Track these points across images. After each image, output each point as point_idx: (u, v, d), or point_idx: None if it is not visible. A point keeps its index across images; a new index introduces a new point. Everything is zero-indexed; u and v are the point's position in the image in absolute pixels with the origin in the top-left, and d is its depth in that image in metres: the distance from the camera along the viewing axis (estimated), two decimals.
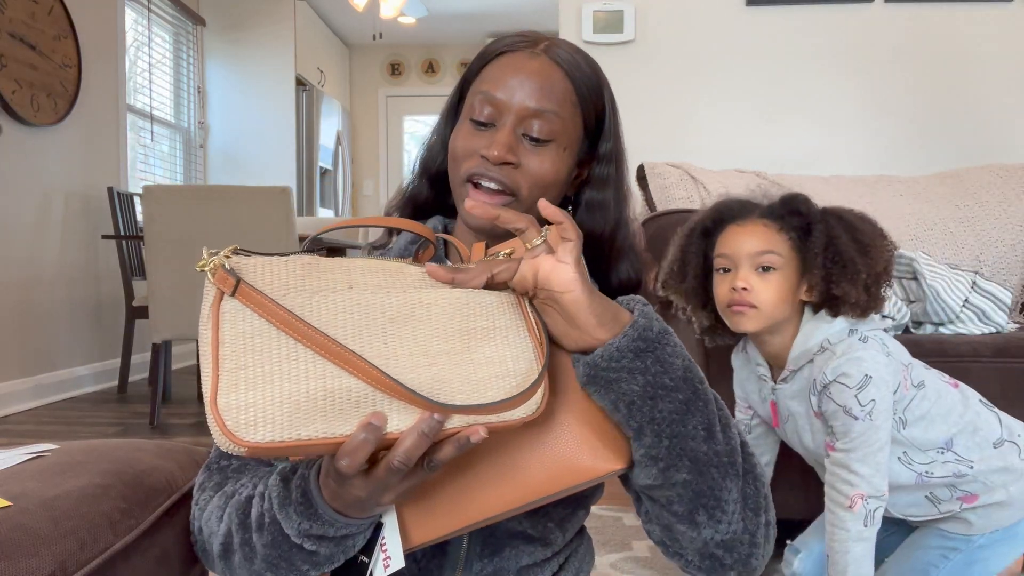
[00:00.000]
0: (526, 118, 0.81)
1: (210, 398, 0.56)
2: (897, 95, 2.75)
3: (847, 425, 1.15)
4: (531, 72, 0.82)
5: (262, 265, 0.62)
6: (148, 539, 0.76)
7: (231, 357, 0.57)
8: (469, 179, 0.82)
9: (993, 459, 1.20)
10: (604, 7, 2.76)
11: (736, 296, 1.18)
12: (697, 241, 1.28)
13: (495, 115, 0.82)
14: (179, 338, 3.08)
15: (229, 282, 0.59)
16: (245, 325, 0.59)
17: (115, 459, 0.84)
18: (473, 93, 0.85)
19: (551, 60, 0.83)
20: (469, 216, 0.80)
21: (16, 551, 0.62)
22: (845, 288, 1.15)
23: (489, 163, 0.80)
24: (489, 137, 0.81)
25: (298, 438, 0.57)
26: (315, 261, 0.64)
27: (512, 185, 0.81)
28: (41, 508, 0.68)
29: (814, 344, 1.19)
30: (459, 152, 0.83)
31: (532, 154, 0.82)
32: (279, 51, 5.42)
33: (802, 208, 1.21)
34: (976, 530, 1.22)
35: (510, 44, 0.85)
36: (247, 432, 0.55)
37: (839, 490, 1.16)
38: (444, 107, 0.92)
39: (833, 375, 1.15)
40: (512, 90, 0.81)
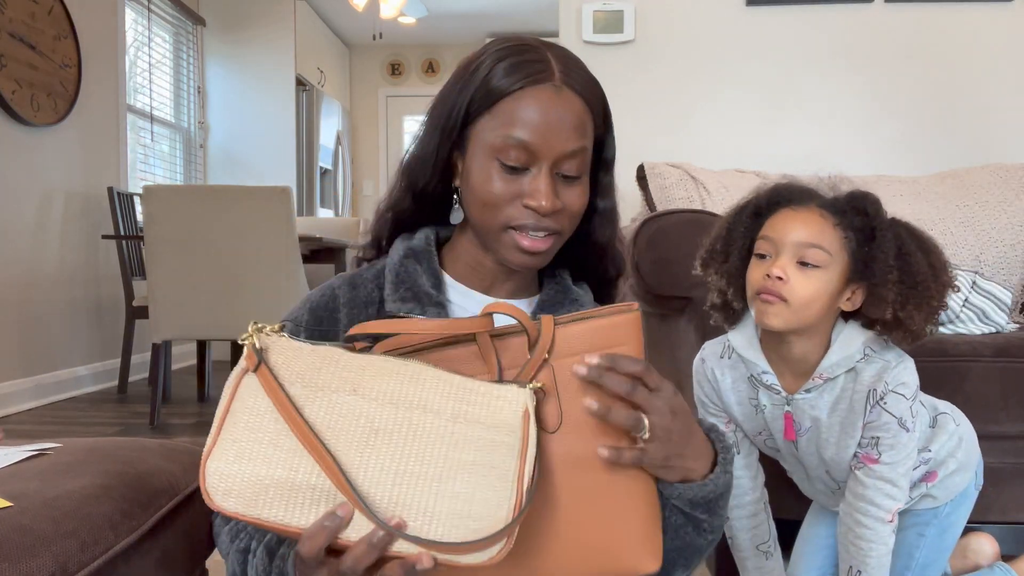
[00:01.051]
0: (561, 161, 0.82)
1: (204, 456, 0.64)
2: (897, 95, 2.75)
3: (898, 437, 1.10)
4: (562, 113, 0.82)
5: (290, 350, 0.68)
6: (149, 540, 0.76)
7: (232, 428, 0.65)
8: (511, 227, 0.83)
9: (941, 437, 1.21)
10: (604, 7, 2.76)
11: (768, 284, 1.07)
12: (747, 221, 1.15)
13: (528, 159, 0.82)
14: (179, 338, 3.08)
15: (253, 360, 0.66)
16: (253, 402, 0.65)
17: (117, 459, 0.84)
18: (492, 131, 0.82)
19: (573, 93, 0.83)
20: (515, 263, 0.85)
21: (17, 552, 0.62)
22: (911, 312, 1.05)
23: (538, 214, 0.82)
24: (525, 183, 0.82)
25: (257, 517, 0.63)
26: (336, 356, 0.67)
27: (558, 228, 0.84)
28: (42, 508, 0.68)
29: (855, 351, 1.11)
30: (493, 198, 0.83)
31: (567, 191, 0.84)
32: (279, 51, 5.42)
33: (870, 209, 1.09)
34: (941, 502, 1.24)
35: (526, 79, 0.82)
36: (219, 498, 0.63)
37: (879, 504, 1.12)
38: (434, 132, 0.88)
39: (893, 384, 1.08)
40: (543, 134, 0.81)
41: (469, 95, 0.84)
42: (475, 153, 0.84)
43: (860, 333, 1.12)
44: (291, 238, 2.99)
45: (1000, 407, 1.49)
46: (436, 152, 0.87)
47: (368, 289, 0.90)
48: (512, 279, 0.92)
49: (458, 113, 0.85)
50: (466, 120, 0.85)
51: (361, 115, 7.25)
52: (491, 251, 0.87)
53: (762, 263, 1.10)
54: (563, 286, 0.93)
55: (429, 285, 0.88)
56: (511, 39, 0.86)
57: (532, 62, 0.83)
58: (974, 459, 1.25)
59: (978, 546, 1.43)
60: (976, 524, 1.48)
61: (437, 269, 0.91)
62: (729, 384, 1.21)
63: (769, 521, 1.28)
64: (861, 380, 1.11)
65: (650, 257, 1.61)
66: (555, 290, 0.93)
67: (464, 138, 0.86)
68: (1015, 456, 1.53)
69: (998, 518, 1.53)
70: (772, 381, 1.16)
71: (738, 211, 1.18)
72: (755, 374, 1.18)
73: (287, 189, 3.00)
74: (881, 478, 1.12)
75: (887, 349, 1.12)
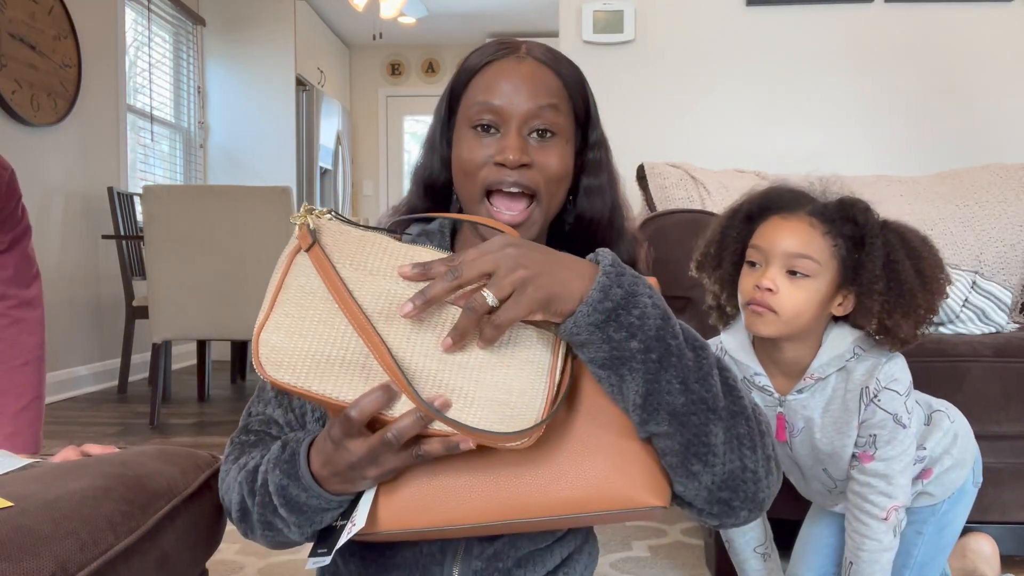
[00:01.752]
0: (529, 118, 0.84)
1: (257, 329, 0.68)
2: (897, 95, 2.75)
3: (894, 434, 1.11)
4: (523, 75, 0.85)
5: (340, 233, 0.71)
6: (149, 541, 0.76)
7: (285, 303, 0.68)
8: (487, 189, 0.84)
9: (936, 434, 1.21)
10: (604, 7, 2.76)
11: (757, 295, 1.08)
12: (739, 226, 1.16)
13: (497, 121, 0.84)
14: (179, 338, 3.08)
15: (307, 240, 0.70)
16: (305, 280, 0.69)
17: (116, 462, 0.84)
18: (467, 106, 0.87)
19: (537, 61, 0.87)
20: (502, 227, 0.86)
21: (17, 552, 0.62)
22: (898, 320, 1.06)
23: (507, 168, 0.83)
24: (498, 143, 0.84)
25: (308, 389, 0.67)
26: (385, 243, 0.71)
27: (532, 185, 0.84)
28: (42, 509, 0.68)
29: (845, 350, 1.12)
30: (470, 163, 0.85)
31: (541, 152, 0.85)
32: (279, 51, 5.42)
33: (859, 218, 1.09)
34: (938, 499, 1.24)
35: (492, 54, 0.87)
36: (273, 370, 0.67)
37: (874, 502, 1.13)
38: (434, 126, 0.93)
39: (886, 381, 1.09)
40: (509, 95, 0.84)
41: (451, 85, 0.90)
42: (458, 133, 0.88)
43: (850, 332, 1.12)
44: (291, 238, 2.98)
45: (1000, 407, 1.49)
46: (435, 143, 0.92)
47: None
48: None
49: (444, 103, 0.91)
50: (451, 109, 0.90)
51: (361, 115, 7.25)
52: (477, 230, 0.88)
53: (752, 272, 1.11)
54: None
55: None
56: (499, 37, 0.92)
57: (502, 44, 0.88)
58: (970, 455, 1.25)
59: (977, 546, 1.43)
60: (976, 524, 1.48)
61: (448, 249, 0.92)
62: None
63: (765, 524, 1.28)
64: (853, 379, 1.12)
65: (650, 257, 1.62)
66: None
67: (452, 126, 0.90)
68: (1015, 456, 1.53)
69: (998, 518, 1.54)
70: (764, 383, 1.17)
71: (730, 216, 1.18)
72: (747, 376, 1.18)
73: (287, 189, 3.00)
74: (876, 475, 1.13)
75: (876, 347, 1.13)
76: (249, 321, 3.00)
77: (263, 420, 0.89)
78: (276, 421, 0.88)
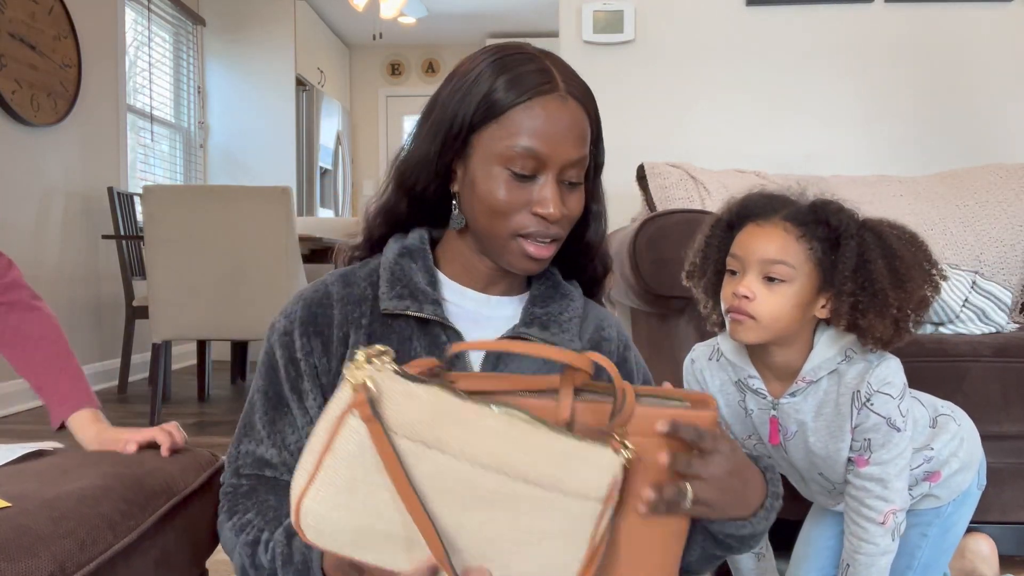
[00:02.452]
0: (567, 168, 0.85)
1: (299, 492, 0.64)
2: (897, 95, 2.75)
3: (888, 437, 1.10)
4: (570, 123, 0.84)
5: (403, 397, 0.64)
6: (148, 540, 0.76)
7: (331, 469, 0.63)
8: (519, 235, 0.86)
9: (943, 437, 1.21)
10: (604, 7, 2.76)
11: (736, 303, 1.09)
12: (720, 235, 1.16)
13: (538, 168, 0.84)
14: (179, 338, 3.08)
15: (365, 408, 0.62)
16: (356, 448, 0.63)
17: (116, 461, 0.84)
18: (503, 142, 0.83)
19: (577, 103, 0.86)
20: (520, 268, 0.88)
21: (16, 551, 0.62)
22: (871, 321, 1.06)
23: (546, 221, 0.85)
24: (537, 192, 0.84)
25: (350, 556, 0.66)
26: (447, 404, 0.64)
27: (562, 234, 0.88)
28: (41, 508, 0.68)
29: (836, 353, 1.12)
30: (502, 206, 0.84)
31: (569, 197, 0.87)
32: (279, 51, 5.42)
33: (832, 219, 1.08)
34: (944, 501, 1.24)
35: (535, 88, 0.83)
36: (314, 536, 0.65)
37: (871, 506, 1.12)
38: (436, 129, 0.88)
39: (878, 385, 1.09)
40: (555, 143, 0.83)
41: (474, 104, 0.84)
42: (480, 162, 0.85)
43: (841, 335, 1.12)
44: (291, 238, 2.99)
45: (1000, 407, 1.49)
46: (437, 157, 0.88)
47: (361, 287, 0.91)
48: (506, 279, 0.94)
49: (462, 122, 0.85)
50: (470, 128, 0.85)
51: (361, 115, 7.25)
52: (494, 256, 0.89)
53: (732, 280, 1.11)
54: (553, 282, 0.97)
55: (425, 283, 0.89)
56: (507, 48, 0.88)
57: (536, 72, 0.85)
58: (976, 459, 1.25)
59: (976, 547, 1.43)
60: (976, 524, 1.48)
61: (432, 267, 0.92)
62: (717, 386, 1.21)
63: None
64: (844, 382, 1.11)
65: (650, 257, 1.61)
66: (546, 286, 0.96)
67: (467, 145, 0.86)
68: (1015, 456, 1.53)
69: (998, 518, 1.53)
70: (758, 386, 1.17)
71: (712, 225, 1.18)
72: (742, 378, 1.18)
73: (287, 189, 2.99)
74: (870, 479, 1.12)
75: (869, 350, 1.12)
76: (249, 321, 3.00)
77: (255, 461, 0.88)
78: (269, 462, 0.87)
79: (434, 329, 0.88)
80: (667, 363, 1.80)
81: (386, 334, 0.88)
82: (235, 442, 0.90)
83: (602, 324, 0.99)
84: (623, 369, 0.97)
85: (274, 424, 0.88)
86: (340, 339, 0.88)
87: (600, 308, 1.02)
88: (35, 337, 1.06)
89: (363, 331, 0.88)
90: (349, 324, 0.88)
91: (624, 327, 1.04)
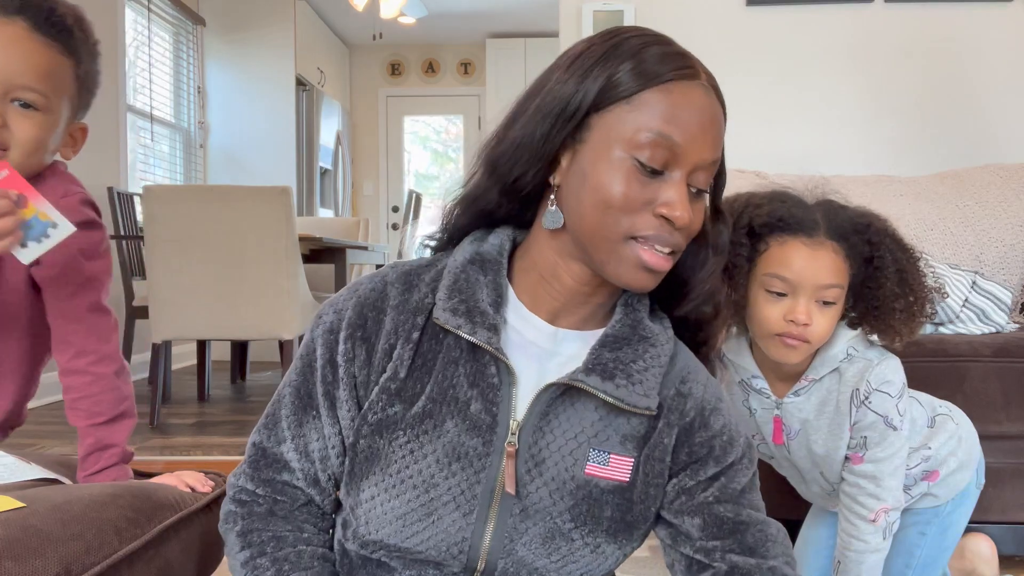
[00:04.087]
0: (700, 170, 0.73)
1: None
2: (897, 95, 2.75)
3: (884, 435, 1.11)
4: (712, 117, 0.73)
5: None
6: (152, 549, 0.77)
7: None
8: (634, 237, 0.72)
9: (941, 436, 1.21)
10: (604, 7, 2.76)
11: (792, 329, 1.05)
12: (743, 239, 1.09)
13: (670, 161, 0.71)
14: (179, 338, 3.08)
15: None
16: None
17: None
18: (632, 125, 0.71)
19: (717, 98, 0.74)
20: (629, 281, 0.74)
21: (23, 552, 0.62)
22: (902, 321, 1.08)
23: (671, 226, 0.72)
24: (662, 190, 0.72)
25: None
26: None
27: (683, 245, 0.75)
28: (51, 511, 0.68)
29: (838, 352, 1.12)
30: (621, 201, 0.71)
31: (695, 206, 0.75)
32: (279, 51, 5.42)
33: (873, 237, 1.08)
34: (942, 500, 1.24)
35: (676, 70, 0.72)
36: None
37: (862, 503, 1.13)
38: (547, 110, 0.74)
39: (877, 383, 1.10)
40: (693, 136, 0.71)
41: (600, 82, 0.72)
42: (598, 147, 0.72)
43: (844, 333, 1.13)
44: (291, 238, 2.99)
45: (1000, 407, 1.50)
46: (544, 141, 0.74)
47: (422, 293, 0.79)
48: (588, 304, 0.80)
49: (581, 100, 0.72)
50: (592, 107, 0.73)
51: (361, 115, 7.25)
52: (598, 265, 0.75)
53: (778, 303, 1.07)
54: (635, 319, 0.80)
55: (488, 302, 0.77)
56: (629, 29, 0.75)
57: (676, 55, 0.73)
58: (975, 458, 1.25)
59: (976, 547, 1.44)
60: (976, 524, 1.48)
61: (503, 285, 0.79)
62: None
63: None
64: (844, 380, 1.12)
65: None
66: (624, 323, 0.80)
67: (584, 127, 0.74)
68: (1015, 456, 1.53)
69: (998, 518, 1.54)
70: (762, 386, 1.17)
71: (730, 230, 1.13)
72: (745, 379, 1.19)
73: (287, 189, 2.99)
74: (864, 476, 1.13)
75: (869, 348, 1.13)
76: (249, 321, 3.00)
77: (273, 461, 0.81)
78: (288, 466, 0.80)
79: (484, 357, 0.77)
80: None
81: (434, 352, 0.78)
82: (256, 432, 0.82)
83: (687, 377, 0.82)
84: (688, 435, 0.81)
85: (300, 426, 0.80)
86: (385, 351, 0.78)
87: (693, 359, 0.85)
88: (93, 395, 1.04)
89: (411, 345, 0.77)
90: (398, 335, 0.78)
91: (720, 388, 0.86)
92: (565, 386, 0.76)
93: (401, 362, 0.77)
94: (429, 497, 0.75)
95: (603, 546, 0.77)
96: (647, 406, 0.76)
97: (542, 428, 0.77)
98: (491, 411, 0.76)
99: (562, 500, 0.76)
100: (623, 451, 0.78)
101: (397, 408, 0.77)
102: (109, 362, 1.05)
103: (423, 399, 0.77)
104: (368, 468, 0.76)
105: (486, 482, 0.75)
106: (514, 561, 0.76)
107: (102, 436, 1.01)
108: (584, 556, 0.76)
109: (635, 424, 0.79)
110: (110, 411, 1.02)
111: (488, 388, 0.76)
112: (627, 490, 0.78)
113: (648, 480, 0.79)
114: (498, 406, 0.76)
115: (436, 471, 0.75)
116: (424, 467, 0.75)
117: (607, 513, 0.77)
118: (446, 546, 0.75)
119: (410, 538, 0.75)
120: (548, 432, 0.77)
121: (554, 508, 0.76)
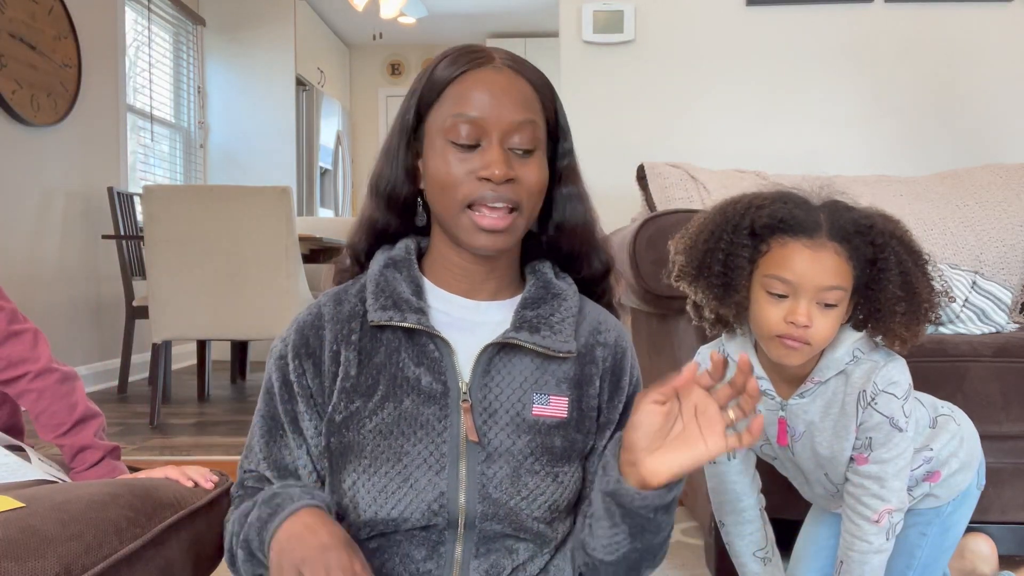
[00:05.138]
0: (510, 132, 0.84)
1: None
2: (897, 95, 2.75)
3: (889, 436, 1.10)
4: (505, 86, 0.85)
5: None
6: (153, 549, 0.77)
7: None
8: (470, 204, 0.84)
9: (942, 437, 1.21)
10: (604, 7, 2.76)
11: (792, 331, 1.05)
12: (743, 242, 1.09)
13: (478, 134, 0.84)
14: (179, 338, 3.08)
15: None
16: None
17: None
18: (441, 118, 0.85)
19: (514, 72, 0.87)
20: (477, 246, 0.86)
21: (23, 552, 0.62)
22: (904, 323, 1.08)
23: (493, 183, 0.83)
24: (480, 158, 0.83)
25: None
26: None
27: (516, 199, 0.85)
28: (51, 511, 0.68)
29: (844, 354, 1.12)
30: (449, 179, 0.84)
31: (523, 166, 0.85)
32: (279, 51, 5.42)
33: (877, 239, 1.08)
34: (943, 501, 1.24)
35: (467, 64, 0.86)
36: None
37: (866, 504, 1.13)
38: (395, 136, 0.91)
39: (883, 384, 1.09)
40: (489, 107, 0.83)
41: (419, 94, 0.88)
42: (431, 145, 0.87)
43: (849, 335, 1.13)
44: (291, 238, 2.99)
45: (1000, 407, 1.50)
46: (398, 154, 0.90)
47: (352, 304, 0.91)
48: (492, 278, 0.93)
49: (411, 113, 0.89)
50: (419, 118, 0.88)
51: (361, 115, 7.25)
52: (455, 239, 0.88)
53: (779, 304, 1.07)
54: (544, 280, 0.94)
55: (409, 292, 0.89)
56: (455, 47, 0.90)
57: (473, 51, 0.87)
58: (976, 459, 1.25)
59: (976, 547, 1.44)
60: (976, 524, 1.48)
61: (417, 276, 0.92)
62: None
63: (766, 527, 1.27)
64: (851, 382, 1.12)
65: (650, 257, 1.61)
66: (536, 286, 0.93)
67: (420, 136, 0.89)
68: (1015, 456, 1.53)
69: (998, 518, 1.54)
70: (767, 387, 1.17)
71: (732, 230, 1.10)
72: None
73: (287, 189, 2.99)
74: (868, 476, 1.13)
75: (875, 350, 1.13)
76: (249, 321, 3.00)
77: (256, 478, 0.91)
78: (268, 479, 0.90)
79: (421, 338, 0.88)
80: (667, 363, 1.80)
81: (375, 347, 0.89)
82: (241, 462, 0.93)
83: (599, 327, 0.95)
84: (613, 376, 0.94)
85: (270, 447, 0.90)
86: (332, 358, 0.89)
87: (602, 310, 0.98)
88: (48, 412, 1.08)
89: (354, 347, 0.89)
90: (340, 342, 0.89)
91: (627, 333, 0.99)
92: (500, 344, 0.88)
93: (350, 364, 0.88)
94: (403, 465, 0.85)
95: (560, 475, 0.89)
96: (568, 349, 0.89)
97: (487, 384, 0.88)
98: (440, 379, 0.87)
99: (519, 439, 0.88)
100: (559, 392, 0.90)
101: (357, 403, 0.87)
102: (47, 375, 1.08)
103: (380, 389, 0.87)
104: (345, 460, 0.87)
105: (451, 440, 0.86)
106: (490, 504, 0.85)
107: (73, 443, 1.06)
108: (548, 486, 0.88)
109: (566, 368, 0.91)
110: (68, 419, 1.07)
111: (432, 362, 0.88)
112: (568, 424, 0.91)
113: (584, 413, 0.92)
114: (445, 374, 0.87)
115: (404, 441, 0.85)
116: (392, 442, 0.85)
117: (557, 443, 0.89)
118: (426, 505, 0.84)
119: (394, 507, 0.84)
120: (495, 386, 0.88)
121: (514, 447, 0.87)
